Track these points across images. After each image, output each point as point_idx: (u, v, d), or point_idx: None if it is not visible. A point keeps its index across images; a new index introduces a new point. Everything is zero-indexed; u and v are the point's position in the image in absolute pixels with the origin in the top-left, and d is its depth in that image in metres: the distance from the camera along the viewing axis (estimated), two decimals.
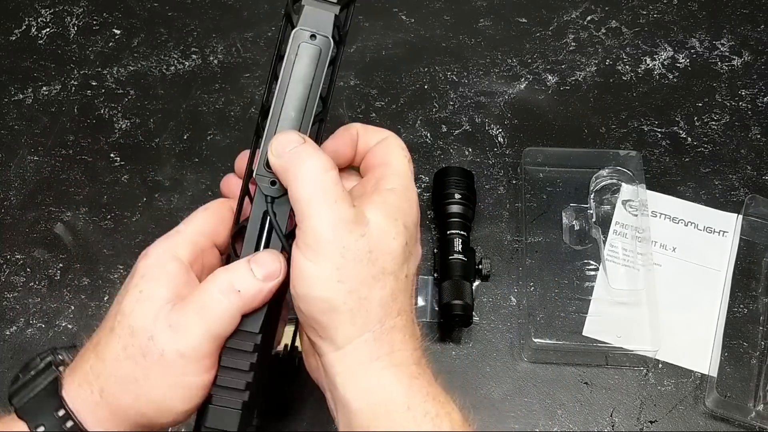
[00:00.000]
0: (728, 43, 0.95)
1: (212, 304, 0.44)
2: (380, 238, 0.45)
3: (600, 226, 0.80)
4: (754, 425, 0.70)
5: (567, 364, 0.74)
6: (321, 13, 0.46)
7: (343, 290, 0.43)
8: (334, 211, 0.43)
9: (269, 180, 0.46)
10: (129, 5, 0.99)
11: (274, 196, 0.46)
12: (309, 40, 0.46)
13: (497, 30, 0.97)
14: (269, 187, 0.46)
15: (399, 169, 0.48)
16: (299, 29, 0.46)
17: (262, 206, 0.46)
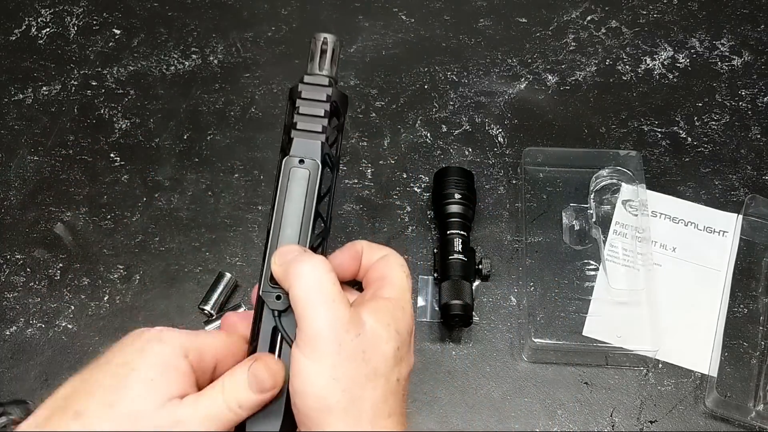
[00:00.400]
0: (728, 43, 0.95)
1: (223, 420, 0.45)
2: (374, 340, 0.46)
3: (600, 226, 0.80)
4: (754, 425, 0.70)
5: (567, 364, 0.74)
6: (308, 142, 0.51)
7: (338, 388, 0.44)
8: (332, 310, 0.45)
9: (275, 295, 0.49)
10: (129, 5, 0.99)
11: (281, 309, 0.49)
12: (298, 164, 0.51)
13: (497, 30, 0.97)
14: (275, 301, 0.49)
15: (396, 282, 0.50)
16: (289, 157, 0.51)
17: (271, 322, 0.49)
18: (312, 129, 0.52)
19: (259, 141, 0.88)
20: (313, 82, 0.53)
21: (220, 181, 0.85)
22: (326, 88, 0.53)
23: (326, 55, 0.54)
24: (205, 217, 0.83)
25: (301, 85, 0.53)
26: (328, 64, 0.54)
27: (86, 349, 0.75)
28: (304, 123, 0.52)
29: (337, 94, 0.53)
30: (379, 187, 0.85)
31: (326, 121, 0.52)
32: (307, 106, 0.52)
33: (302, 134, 0.51)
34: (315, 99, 0.52)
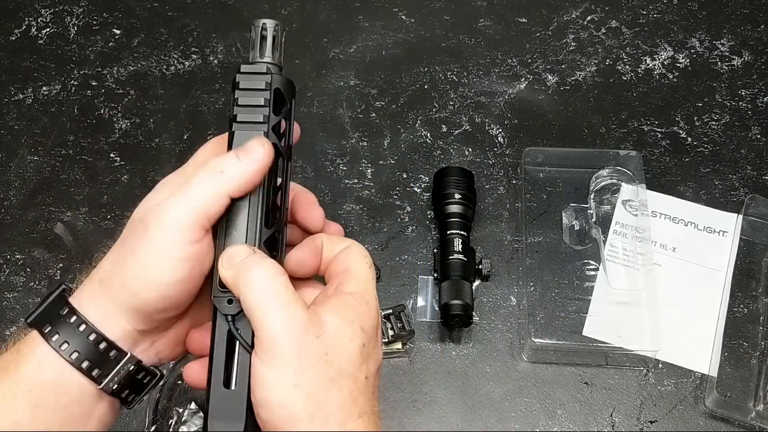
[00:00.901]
0: (728, 43, 0.95)
1: (195, 182, 0.46)
2: (336, 340, 0.45)
3: (600, 226, 0.80)
4: (754, 425, 0.70)
5: (567, 364, 0.74)
6: (251, 134, 0.49)
7: (302, 395, 0.43)
8: (287, 314, 0.44)
9: (226, 299, 0.47)
10: (129, 5, 0.99)
11: (233, 313, 0.47)
12: None
13: (497, 30, 0.97)
14: (227, 306, 0.47)
15: (359, 274, 0.49)
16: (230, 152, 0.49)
17: (225, 326, 0.47)
18: (253, 120, 0.49)
19: None
20: (250, 71, 0.51)
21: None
22: (264, 75, 0.50)
23: (266, 41, 0.53)
24: None
25: (239, 75, 0.50)
26: (269, 50, 0.52)
27: None
28: (244, 114, 0.49)
29: (280, 80, 0.51)
30: (379, 187, 0.85)
31: (267, 110, 0.49)
32: (246, 96, 0.50)
33: (243, 126, 0.49)
34: (253, 88, 0.50)
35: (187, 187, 0.46)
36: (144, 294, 0.46)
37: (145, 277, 0.46)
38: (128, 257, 0.47)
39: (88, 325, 0.47)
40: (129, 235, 0.48)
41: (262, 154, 0.47)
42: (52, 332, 0.47)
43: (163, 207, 0.46)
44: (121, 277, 0.47)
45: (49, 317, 0.48)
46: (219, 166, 0.46)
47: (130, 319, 0.47)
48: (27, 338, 0.48)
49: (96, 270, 0.49)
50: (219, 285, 0.47)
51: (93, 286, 0.48)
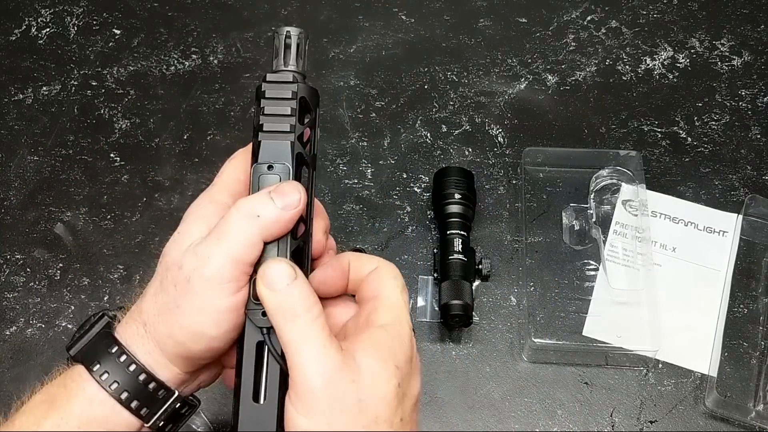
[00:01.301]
0: (728, 43, 0.95)
1: (231, 229, 0.46)
2: (371, 383, 0.44)
3: (600, 226, 0.80)
4: (754, 425, 0.70)
5: (567, 364, 0.74)
6: (277, 144, 0.49)
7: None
8: (323, 356, 0.43)
9: (260, 312, 0.46)
10: (129, 5, 0.99)
11: (268, 326, 0.46)
12: (267, 171, 0.49)
13: (497, 30, 0.97)
14: (261, 318, 0.46)
15: (391, 302, 0.48)
16: (257, 164, 0.49)
17: (255, 337, 0.47)
18: (279, 129, 0.49)
19: None
20: (276, 79, 0.50)
21: None
22: (291, 84, 0.50)
23: (291, 49, 0.52)
24: None
25: (265, 84, 0.50)
26: (293, 58, 0.52)
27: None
28: (270, 124, 0.49)
29: (305, 89, 0.51)
30: (379, 187, 0.85)
31: (294, 120, 0.49)
32: (273, 105, 0.50)
33: (270, 136, 0.49)
34: (280, 97, 0.50)
35: (224, 233, 0.46)
36: (191, 345, 0.47)
37: (192, 330, 0.46)
38: (173, 309, 0.46)
39: (137, 365, 0.47)
40: (169, 283, 0.47)
41: (297, 200, 0.47)
42: (101, 370, 0.47)
43: (202, 258, 0.45)
44: (167, 327, 0.47)
45: (97, 354, 0.48)
46: (254, 210, 0.46)
47: (179, 364, 0.48)
48: (73, 372, 0.48)
49: (138, 311, 0.49)
50: (253, 297, 0.46)
51: (138, 328, 0.48)
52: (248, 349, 0.47)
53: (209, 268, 0.45)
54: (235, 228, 0.46)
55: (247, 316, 0.47)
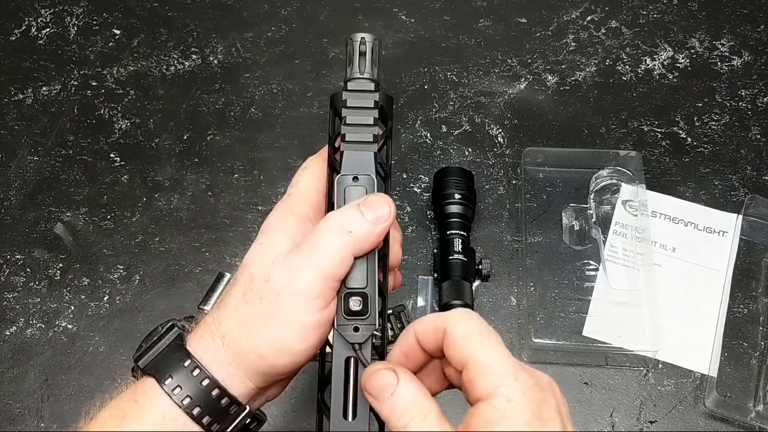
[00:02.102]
0: (728, 43, 0.95)
1: (323, 244, 0.45)
2: None
3: (600, 226, 0.80)
4: (754, 425, 0.70)
5: (567, 364, 0.74)
6: (361, 155, 0.48)
7: None
8: None
9: (352, 327, 0.46)
10: (129, 5, 0.99)
11: (361, 341, 0.46)
12: (352, 182, 0.48)
13: (497, 30, 0.97)
14: (353, 334, 0.46)
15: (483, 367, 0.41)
16: (341, 175, 0.48)
17: (345, 353, 0.46)
18: (363, 140, 0.48)
19: (259, 141, 0.88)
20: (358, 88, 0.50)
21: (220, 181, 0.85)
22: (373, 93, 0.49)
23: (366, 56, 0.51)
24: (205, 217, 0.83)
25: (346, 93, 0.49)
26: (369, 66, 0.51)
27: (86, 349, 0.75)
28: (353, 134, 0.48)
29: (383, 98, 0.50)
30: None
31: (377, 130, 0.48)
32: (355, 115, 0.49)
33: (352, 146, 0.48)
34: (362, 107, 0.49)
35: (315, 248, 0.45)
36: (274, 360, 0.46)
37: (277, 344, 0.46)
38: (258, 322, 0.46)
39: (211, 380, 0.46)
40: (254, 295, 0.46)
41: (387, 213, 0.46)
42: (174, 384, 0.46)
43: (293, 271, 0.45)
44: (251, 341, 0.46)
45: (169, 367, 0.47)
46: (346, 225, 0.45)
47: (255, 378, 0.47)
48: (144, 386, 0.47)
49: (215, 322, 0.48)
50: (345, 313, 0.46)
51: (215, 341, 0.47)
52: (337, 364, 0.46)
53: (300, 283, 0.45)
54: (327, 243, 0.45)
55: (338, 332, 0.46)
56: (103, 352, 0.75)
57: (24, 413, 0.72)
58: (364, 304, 0.46)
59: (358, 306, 0.46)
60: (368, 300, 0.47)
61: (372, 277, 0.47)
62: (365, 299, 0.46)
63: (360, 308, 0.46)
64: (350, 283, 0.47)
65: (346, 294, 0.46)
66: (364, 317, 0.46)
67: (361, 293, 0.46)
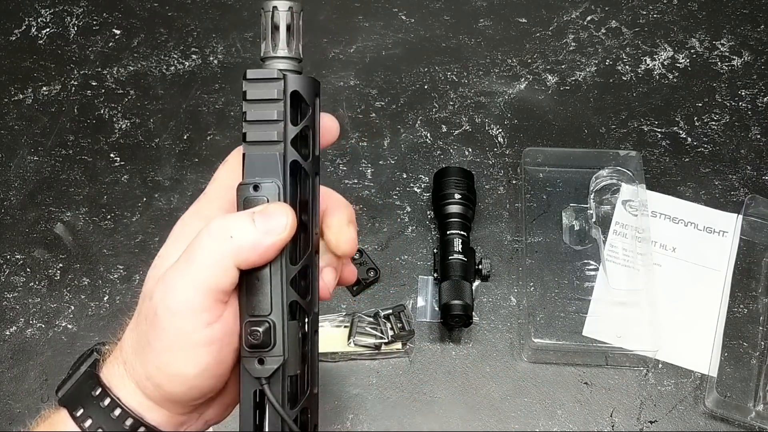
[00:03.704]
0: (728, 43, 0.95)
1: (199, 252, 0.40)
2: None
3: (600, 226, 0.80)
4: (754, 425, 0.70)
5: (567, 364, 0.74)
6: (264, 157, 0.41)
7: None
8: None
9: (256, 360, 0.41)
10: (129, 5, 0.99)
11: (266, 376, 0.41)
12: (252, 192, 0.41)
13: (497, 30, 0.97)
14: (258, 368, 0.41)
15: None
16: (242, 183, 0.41)
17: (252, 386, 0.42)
18: (266, 139, 0.41)
19: None
20: (258, 76, 0.41)
21: None
22: (275, 82, 0.41)
23: (279, 30, 0.42)
24: None
25: (245, 83, 0.41)
26: (283, 41, 0.42)
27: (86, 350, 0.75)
28: (255, 132, 0.41)
29: (298, 81, 0.42)
30: (379, 187, 0.85)
31: (281, 126, 0.41)
32: (256, 109, 0.41)
33: (255, 147, 0.41)
34: (264, 98, 0.41)
35: (191, 257, 0.40)
36: (170, 389, 0.41)
37: (168, 369, 0.40)
38: (145, 347, 0.41)
39: (123, 410, 0.42)
40: (142, 316, 0.42)
41: (283, 225, 0.40)
42: (84, 416, 0.42)
43: (168, 287, 0.40)
44: (144, 368, 0.41)
45: (80, 397, 0.42)
46: (227, 230, 0.40)
47: (167, 406, 0.42)
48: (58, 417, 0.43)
49: (119, 348, 0.44)
50: (246, 345, 0.41)
51: (119, 368, 0.43)
52: (245, 399, 0.42)
53: (175, 298, 0.39)
54: (205, 251, 0.40)
55: (242, 365, 0.41)
56: None
57: (24, 413, 0.72)
58: (266, 335, 0.41)
59: (257, 338, 0.40)
60: (273, 329, 0.41)
61: (277, 300, 0.41)
62: (269, 329, 0.41)
63: (260, 340, 0.40)
64: (251, 309, 0.41)
65: (247, 323, 0.41)
66: (268, 348, 0.41)
67: (263, 321, 0.41)
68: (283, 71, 0.42)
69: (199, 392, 0.41)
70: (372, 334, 0.74)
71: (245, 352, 0.41)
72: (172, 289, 0.40)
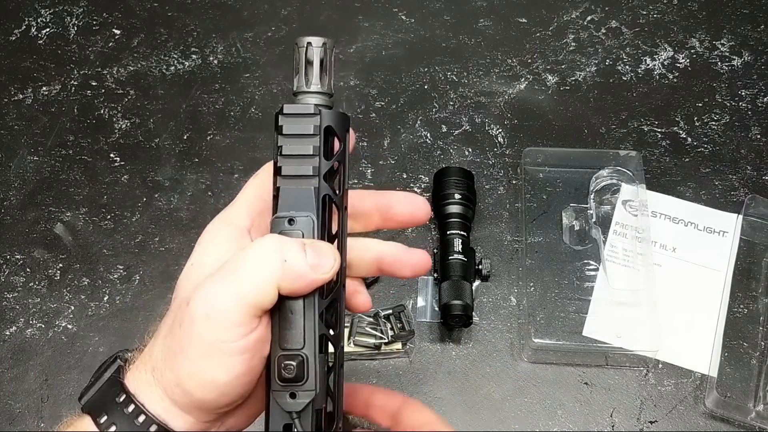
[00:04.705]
0: (728, 43, 0.95)
1: (248, 266, 0.40)
2: None
3: (600, 226, 0.80)
4: (754, 425, 0.70)
5: (567, 364, 0.74)
6: (299, 191, 0.42)
7: None
8: None
9: (288, 394, 0.42)
10: (129, 5, 0.99)
11: (298, 410, 0.41)
12: (288, 226, 0.42)
13: (497, 30, 0.97)
14: (290, 402, 0.42)
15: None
16: (276, 217, 0.42)
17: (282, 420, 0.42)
18: (301, 173, 0.42)
19: (259, 141, 0.88)
20: (295, 111, 0.43)
21: (220, 181, 0.85)
22: (312, 117, 0.43)
23: (313, 66, 0.44)
24: (205, 217, 0.82)
25: (282, 117, 0.43)
26: (317, 77, 0.44)
27: (86, 350, 0.75)
28: (290, 166, 0.42)
29: (331, 116, 0.43)
30: (379, 187, 0.85)
31: (317, 160, 0.42)
32: (292, 144, 0.42)
33: (290, 181, 0.42)
34: (300, 134, 0.42)
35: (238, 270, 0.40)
36: (200, 395, 0.41)
37: (199, 377, 0.41)
38: (178, 353, 0.41)
39: (147, 417, 0.42)
40: (176, 323, 0.42)
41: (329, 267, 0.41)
42: (108, 423, 0.42)
43: (209, 296, 0.40)
44: (174, 374, 0.42)
45: (104, 404, 0.43)
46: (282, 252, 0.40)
47: (193, 414, 0.43)
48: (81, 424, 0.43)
49: (148, 354, 0.44)
50: (279, 379, 0.41)
51: (147, 374, 0.43)
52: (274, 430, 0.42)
53: (215, 308, 0.40)
54: (254, 266, 0.40)
55: (273, 398, 0.42)
56: (103, 352, 0.75)
57: (24, 413, 0.72)
58: (299, 369, 0.41)
59: (291, 373, 0.41)
60: (305, 363, 0.41)
61: (310, 334, 0.41)
62: (301, 363, 0.41)
63: (294, 374, 0.41)
64: (284, 343, 0.42)
65: (280, 356, 0.41)
66: (301, 383, 0.41)
67: (296, 355, 0.41)
68: (318, 106, 0.43)
69: (228, 399, 0.42)
70: (372, 334, 0.74)
71: (277, 385, 0.42)
72: (214, 298, 0.40)
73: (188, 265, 0.45)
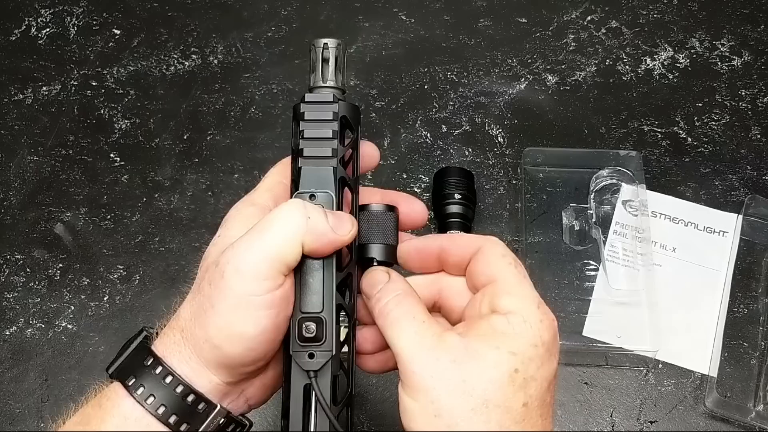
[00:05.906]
0: (728, 43, 0.95)
1: (275, 223, 0.44)
2: (476, 366, 0.42)
3: (600, 226, 0.80)
4: (754, 425, 0.70)
5: (567, 364, 0.74)
6: (319, 170, 0.47)
7: (441, 425, 0.41)
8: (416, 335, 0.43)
9: (307, 354, 0.45)
10: (129, 5, 0.99)
11: (316, 369, 0.44)
12: (309, 201, 0.46)
13: (497, 30, 0.97)
14: (308, 361, 0.45)
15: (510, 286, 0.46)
16: (298, 192, 0.47)
17: (302, 381, 0.45)
18: (321, 154, 0.47)
19: (259, 141, 0.88)
20: (316, 99, 0.48)
21: (220, 181, 0.85)
22: (331, 105, 0.48)
23: (329, 63, 0.50)
24: (205, 217, 0.83)
25: (304, 105, 0.48)
26: (332, 73, 0.50)
27: (86, 350, 0.75)
28: (311, 148, 0.47)
29: (346, 107, 0.49)
30: (379, 187, 0.84)
31: (335, 144, 0.47)
32: (313, 128, 0.47)
33: (311, 161, 0.47)
34: (320, 119, 0.48)
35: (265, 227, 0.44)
36: (228, 349, 0.44)
37: (228, 330, 0.44)
38: (207, 309, 0.44)
39: (174, 377, 0.45)
40: (205, 283, 0.45)
41: (347, 230, 0.45)
42: (137, 384, 0.45)
43: (238, 252, 0.43)
44: (203, 330, 0.44)
45: (132, 368, 0.45)
46: (306, 211, 0.44)
47: (217, 372, 0.45)
48: (109, 390, 0.46)
49: (176, 318, 0.47)
50: (299, 339, 0.45)
51: (175, 335, 0.46)
52: (295, 393, 0.45)
53: (245, 262, 0.43)
54: (280, 222, 0.44)
55: (293, 359, 0.45)
56: (103, 352, 0.75)
57: (24, 413, 0.72)
58: (318, 330, 0.45)
59: (311, 332, 0.44)
60: (324, 325, 0.45)
61: (329, 299, 0.45)
62: (320, 324, 0.45)
63: (314, 334, 0.44)
64: (304, 307, 0.45)
65: (300, 319, 0.45)
66: (319, 343, 0.45)
67: (316, 318, 0.45)
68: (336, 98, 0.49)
69: (254, 355, 0.45)
70: None
71: (297, 346, 0.45)
72: (243, 253, 0.43)
73: (215, 238, 0.48)
